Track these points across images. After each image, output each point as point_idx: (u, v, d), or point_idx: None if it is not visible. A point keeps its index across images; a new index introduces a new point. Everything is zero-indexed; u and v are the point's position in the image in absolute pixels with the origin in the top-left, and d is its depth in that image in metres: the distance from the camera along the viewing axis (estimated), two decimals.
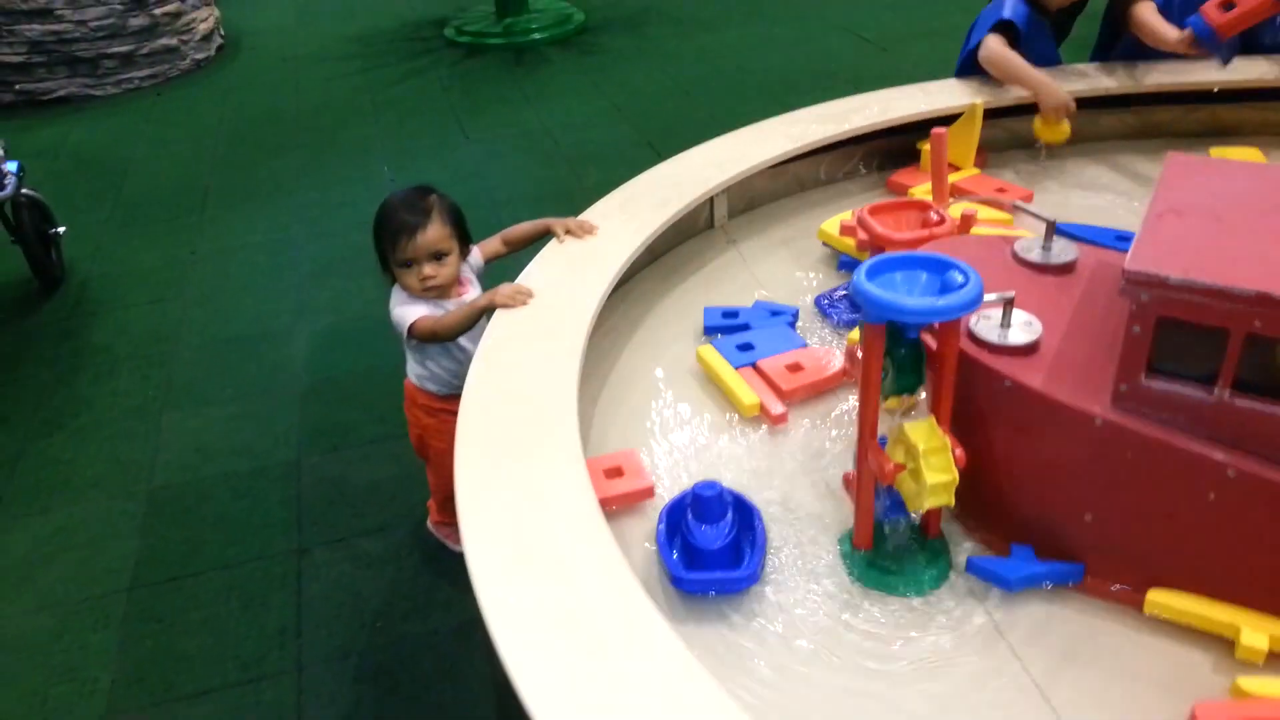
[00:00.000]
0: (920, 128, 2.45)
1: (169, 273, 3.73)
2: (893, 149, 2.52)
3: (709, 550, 1.40)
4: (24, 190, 3.41)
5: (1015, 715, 1.22)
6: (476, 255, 2.12)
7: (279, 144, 4.88)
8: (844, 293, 2.03)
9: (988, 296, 1.33)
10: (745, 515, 1.47)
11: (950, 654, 1.32)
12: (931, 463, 1.29)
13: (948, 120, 2.32)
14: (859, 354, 1.32)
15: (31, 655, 2.15)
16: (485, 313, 1.84)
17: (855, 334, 1.70)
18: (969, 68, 2.63)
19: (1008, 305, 1.37)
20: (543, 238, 2.00)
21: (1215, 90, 2.54)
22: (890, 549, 1.44)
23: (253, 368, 3.09)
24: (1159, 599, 1.32)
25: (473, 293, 2.07)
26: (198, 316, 3.42)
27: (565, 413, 1.52)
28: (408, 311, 1.98)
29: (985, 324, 1.39)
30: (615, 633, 1.15)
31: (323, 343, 3.19)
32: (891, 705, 1.24)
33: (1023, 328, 1.38)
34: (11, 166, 3.30)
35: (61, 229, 3.64)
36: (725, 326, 1.98)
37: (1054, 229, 1.55)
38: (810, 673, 1.29)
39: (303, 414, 2.85)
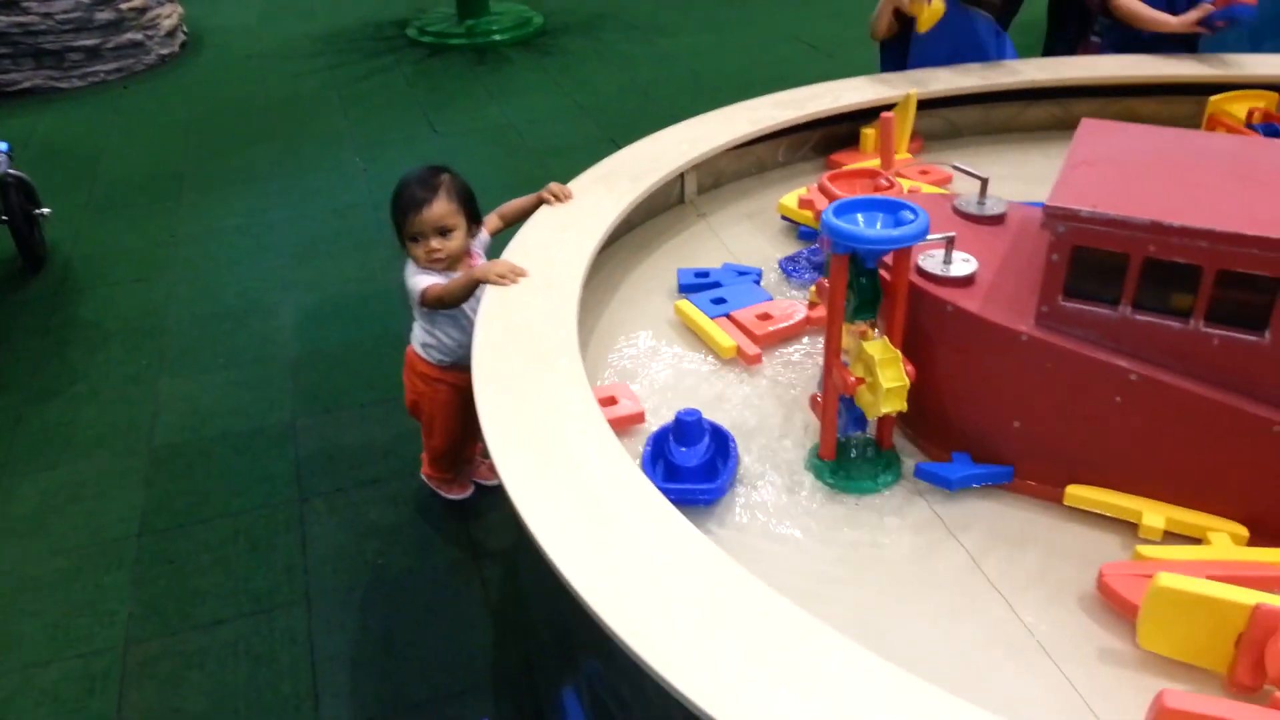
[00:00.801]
0: (865, 115, 2.71)
1: (151, 254, 3.86)
2: (839, 135, 2.78)
3: (687, 468, 1.62)
4: (10, 170, 3.52)
5: (954, 581, 1.47)
6: (484, 234, 2.29)
7: (250, 135, 5.02)
8: (806, 258, 2.27)
9: (932, 236, 1.58)
10: (721, 440, 1.69)
11: (899, 538, 1.56)
12: (886, 372, 1.53)
13: (889, 108, 2.58)
14: (826, 284, 1.56)
15: (51, 593, 2.30)
16: (481, 283, 2.04)
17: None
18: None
19: (949, 244, 1.62)
20: (536, 209, 2.18)
21: (1130, 85, 2.84)
22: (851, 458, 1.68)
23: (243, 338, 3.25)
24: (1076, 492, 1.57)
25: (476, 261, 2.25)
26: (184, 293, 3.56)
27: (568, 345, 1.73)
28: (420, 280, 2.15)
29: (930, 261, 1.63)
30: (622, 507, 1.37)
31: (309, 316, 3.35)
32: (852, 573, 1.48)
33: (961, 264, 1.62)
34: (2, 146, 3.42)
35: (47, 210, 3.76)
36: (698, 285, 2.21)
37: (986, 186, 1.81)
38: (781, 551, 1.52)
39: (295, 380, 3.01)
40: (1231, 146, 1.61)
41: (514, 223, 2.25)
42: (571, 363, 1.68)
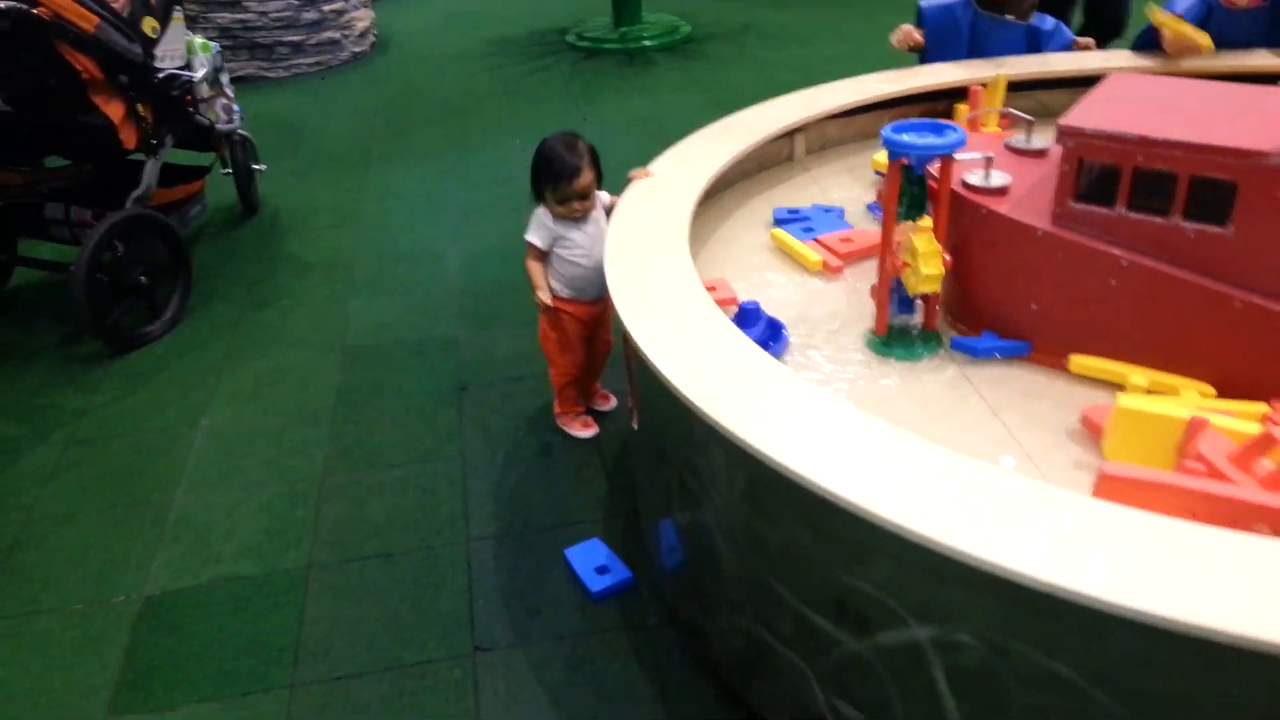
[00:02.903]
0: (963, 94, 3.09)
1: (343, 208, 4.55)
2: (936, 110, 3.17)
3: None
4: (240, 130, 4.26)
5: (973, 418, 1.87)
6: (606, 195, 2.65)
7: (428, 120, 5.72)
8: None
9: (974, 155, 2.00)
10: (775, 328, 2.13)
11: (933, 390, 1.97)
12: (926, 259, 1.95)
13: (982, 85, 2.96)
14: (883, 189, 1.99)
15: (265, 440, 2.91)
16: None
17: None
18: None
19: (989, 162, 2.03)
20: None
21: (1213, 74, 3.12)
22: (900, 334, 2.10)
23: (418, 274, 3.86)
24: (1079, 360, 1.95)
25: (599, 212, 2.63)
26: (370, 239, 4.21)
27: (679, 237, 2.20)
28: (533, 233, 2.57)
29: (973, 176, 2.04)
30: (710, 341, 1.83)
31: (472, 260, 3.95)
32: (890, 407, 1.90)
33: (998, 179, 2.03)
34: (237, 107, 4.15)
35: (262, 166, 4.49)
36: (790, 219, 2.66)
37: (1032, 127, 2.20)
38: (843, 395, 1.95)
39: (459, 306, 3.59)
40: (1229, 91, 1.96)
41: None
42: (681, 251, 2.15)
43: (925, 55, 3.42)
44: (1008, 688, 1.40)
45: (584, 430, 2.84)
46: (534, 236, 2.59)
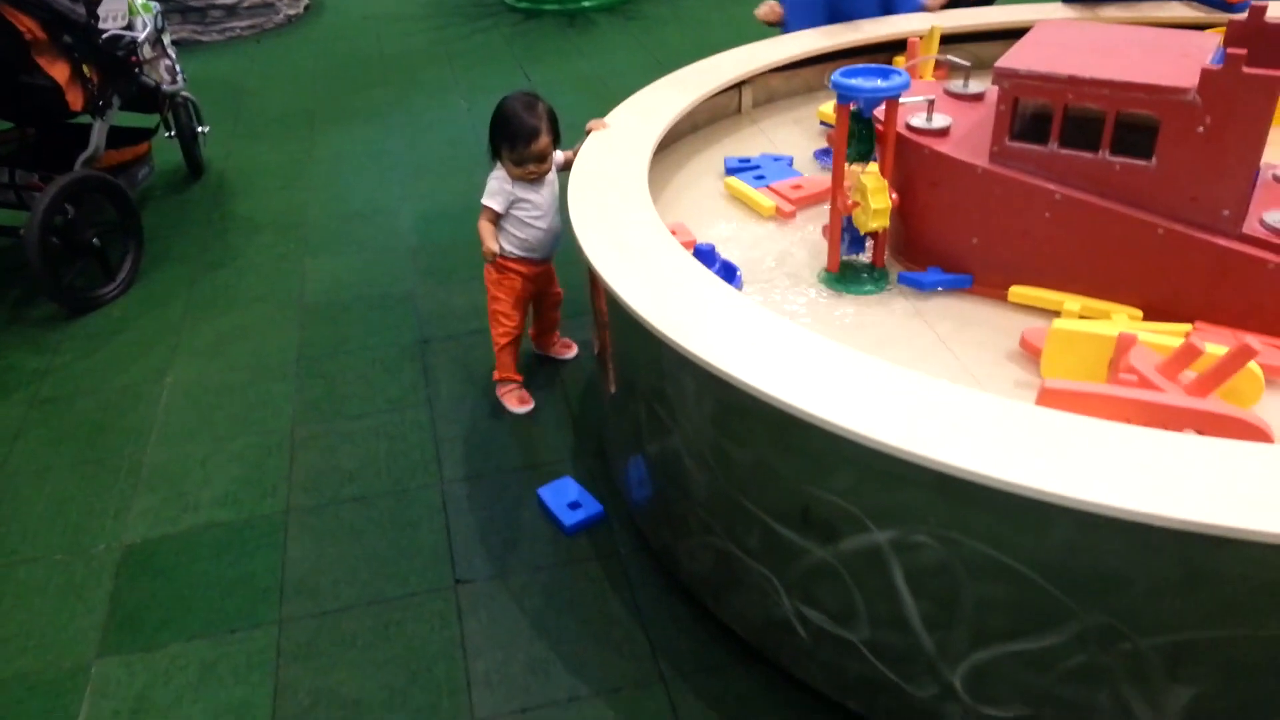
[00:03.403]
0: (899, 45, 3.22)
1: (291, 169, 4.54)
2: (877, 61, 3.28)
3: None
4: (184, 92, 4.22)
5: (924, 349, 2.01)
6: (560, 156, 2.69)
7: (369, 81, 5.71)
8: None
9: (916, 98, 2.12)
10: (729, 269, 2.23)
11: (883, 320, 2.10)
12: (875, 195, 2.07)
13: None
14: (834, 137, 2.11)
15: (231, 394, 2.95)
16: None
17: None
18: None
19: (930, 105, 2.15)
20: None
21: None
22: (851, 271, 2.22)
23: (371, 232, 3.90)
24: (1017, 290, 2.10)
25: (554, 174, 2.67)
26: (320, 199, 4.23)
27: (639, 182, 2.29)
28: (490, 197, 2.58)
29: (916, 118, 2.16)
30: (673, 275, 1.93)
31: (424, 218, 3.99)
32: (850, 340, 2.03)
33: (939, 121, 2.15)
34: (180, 68, 4.11)
35: (207, 128, 4.45)
36: (741, 168, 2.76)
37: (968, 72, 2.33)
38: (802, 323, 2.07)
39: (414, 262, 3.65)
40: (1152, 35, 2.11)
41: None
42: (642, 195, 2.25)
43: (786, 26, 3.52)
44: (961, 582, 1.55)
45: (520, 406, 2.81)
46: (491, 200, 2.60)
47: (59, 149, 3.57)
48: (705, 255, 2.19)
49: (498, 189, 2.60)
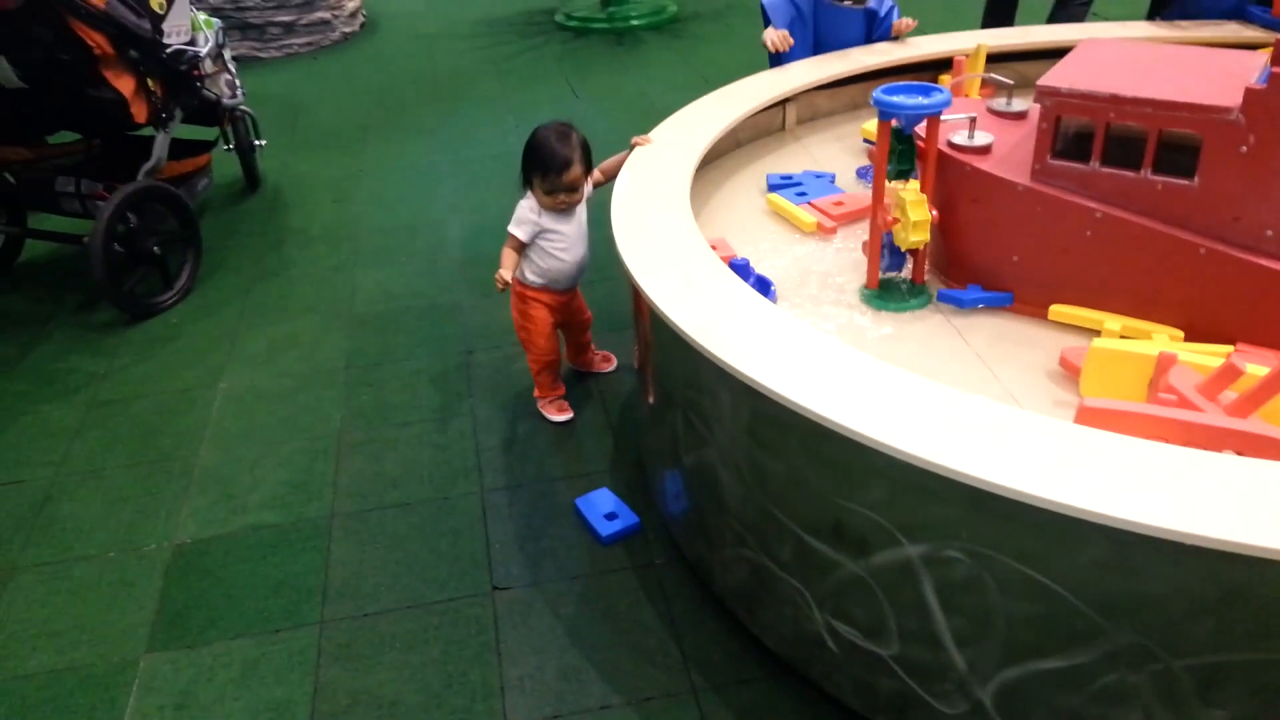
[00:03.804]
0: (944, 64, 3.23)
1: (343, 183, 4.65)
2: (924, 80, 3.29)
3: None
4: (243, 106, 4.34)
5: (960, 363, 2.01)
6: (589, 186, 2.68)
7: (421, 98, 5.82)
8: None
9: (958, 115, 2.13)
10: (764, 284, 2.26)
11: (924, 338, 2.11)
12: (914, 209, 2.08)
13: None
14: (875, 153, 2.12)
15: (282, 401, 3.03)
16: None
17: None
18: None
19: (972, 122, 2.16)
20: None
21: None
22: (890, 287, 2.23)
23: (420, 244, 3.97)
24: (1057, 309, 2.09)
25: (583, 206, 2.66)
26: (371, 212, 4.32)
27: (681, 197, 2.33)
28: (517, 225, 2.59)
29: (958, 135, 2.17)
30: (712, 288, 1.96)
31: (472, 231, 4.06)
32: (888, 356, 2.04)
33: (981, 138, 2.16)
34: (240, 82, 4.24)
35: (263, 141, 4.57)
36: (783, 185, 2.79)
37: (1012, 91, 2.33)
38: (840, 338, 2.09)
39: (462, 275, 3.71)
40: (1195, 55, 2.10)
41: (613, 177, 2.59)
42: (684, 210, 2.28)
43: (784, 55, 3.52)
44: (992, 598, 1.55)
45: (559, 415, 2.83)
46: (517, 229, 2.59)
47: (123, 160, 3.69)
48: (740, 270, 2.21)
49: (525, 218, 2.60)
